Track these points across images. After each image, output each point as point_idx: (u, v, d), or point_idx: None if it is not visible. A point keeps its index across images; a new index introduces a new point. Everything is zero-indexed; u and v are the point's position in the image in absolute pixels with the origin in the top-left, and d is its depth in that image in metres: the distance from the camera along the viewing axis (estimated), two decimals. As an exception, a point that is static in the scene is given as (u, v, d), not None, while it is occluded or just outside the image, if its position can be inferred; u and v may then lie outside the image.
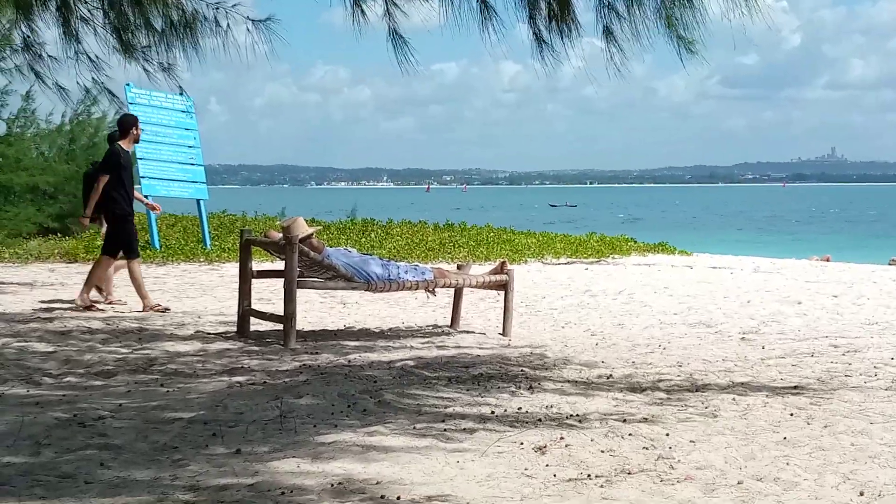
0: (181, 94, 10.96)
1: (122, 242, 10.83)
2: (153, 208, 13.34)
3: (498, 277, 9.60)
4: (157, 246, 17.48)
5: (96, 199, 10.76)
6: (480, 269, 12.17)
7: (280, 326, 8.84)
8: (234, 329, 9.34)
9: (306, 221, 9.08)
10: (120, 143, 10.89)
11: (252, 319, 9.32)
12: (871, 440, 5.39)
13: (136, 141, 11.23)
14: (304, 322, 9.86)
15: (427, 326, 10.07)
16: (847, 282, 14.55)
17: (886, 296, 12.76)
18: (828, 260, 20.83)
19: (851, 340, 9.10)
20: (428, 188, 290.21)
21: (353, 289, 9.06)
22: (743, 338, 9.38)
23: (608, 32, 6.61)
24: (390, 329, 9.86)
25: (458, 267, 10.29)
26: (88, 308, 10.60)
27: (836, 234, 57.63)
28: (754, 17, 6.17)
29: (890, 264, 19.44)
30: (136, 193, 11.68)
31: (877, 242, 45.08)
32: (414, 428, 5.55)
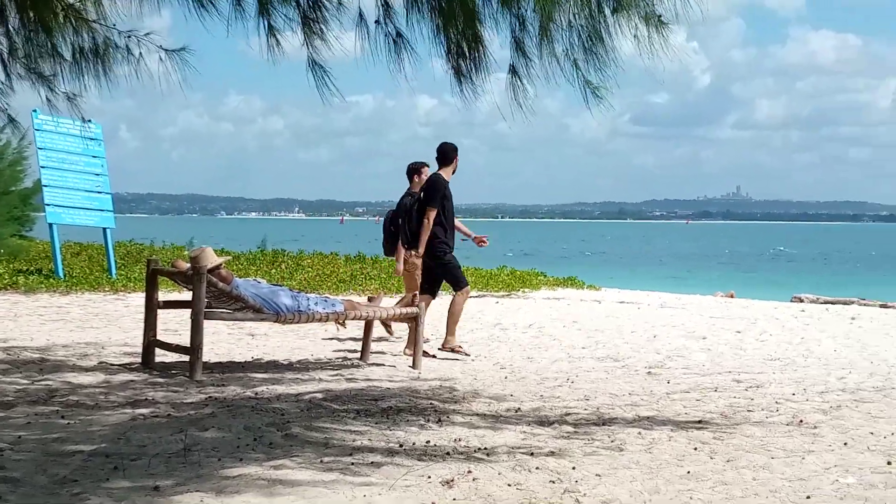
0: (86, 121, 10.63)
1: (449, 277, 10.48)
2: (481, 242, 11.79)
3: (408, 310, 9.60)
4: (61, 275, 17.11)
5: (427, 234, 10.29)
6: (392, 302, 12.15)
7: (186, 358, 8.70)
8: (139, 360, 9.17)
9: (215, 251, 8.99)
10: (441, 172, 10.56)
11: (158, 351, 9.16)
12: (772, 475, 5.50)
13: (455, 171, 10.73)
14: (210, 354, 9.73)
15: (337, 359, 10.01)
16: (750, 318, 14.85)
17: (788, 332, 13.04)
18: (732, 296, 21.22)
19: (754, 376, 9.28)
20: (342, 220, 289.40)
21: (262, 320, 8.98)
22: (649, 372, 9.50)
23: (514, 72, 6.67)
24: (299, 361, 9.78)
25: (370, 299, 10.26)
26: (455, 350, 10.39)
27: (742, 270, 58.85)
28: (664, 57, 6.27)
29: (792, 301, 19.90)
30: (461, 225, 11.12)
31: (779, 279, 46.15)
32: (321, 462, 5.50)
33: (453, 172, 10.59)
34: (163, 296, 10.04)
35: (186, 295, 9.27)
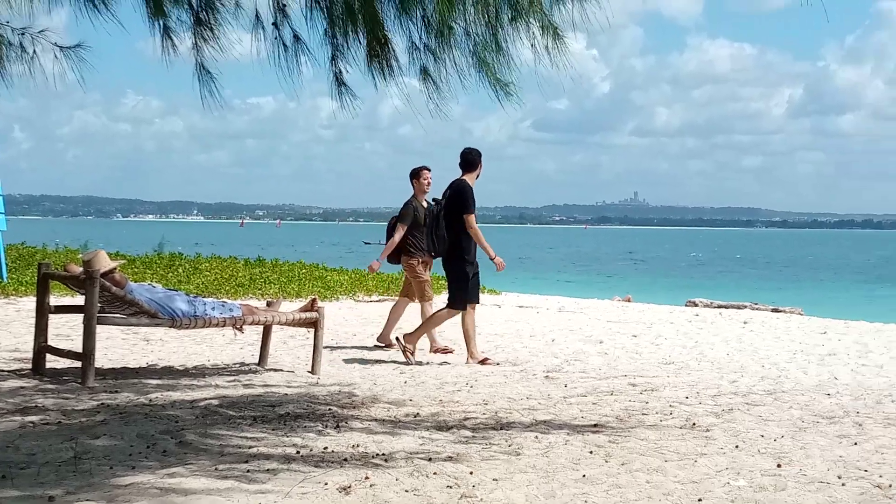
0: None
1: (454, 287, 10.33)
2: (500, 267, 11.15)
3: (308, 315, 9.53)
4: (-51, 278, 16.59)
5: (483, 242, 10.22)
6: (291, 306, 12.06)
7: (78, 364, 8.50)
8: (30, 366, 8.93)
9: (110, 255, 8.81)
10: (465, 177, 10.35)
11: (49, 357, 8.93)
12: (665, 478, 5.59)
13: (478, 176, 10.56)
14: (104, 359, 9.53)
15: (234, 364, 9.89)
16: (646, 322, 15.11)
17: (683, 336, 13.30)
18: (629, 300, 21.55)
19: (649, 379, 9.43)
20: (242, 223, 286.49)
21: (158, 325, 8.82)
22: (547, 376, 9.59)
23: (425, 72, 6.68)
24: (195, 367, 9.63)
25: (268, 304, 10.17)
26: (483, 362, 10.33)
27: (640, 274, 59.87)
28: (564, 64, 6.33)
29: (686, 305, 20.28)
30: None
31: (675, 283, 47.05)
32: (216, 469, 5.42)
33: (477, 177, 10.55)
34: (55, 300, 9.80)
35: (80, 300, 9.05)
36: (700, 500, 5.16)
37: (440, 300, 11.97)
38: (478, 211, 10.43)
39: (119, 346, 10.95)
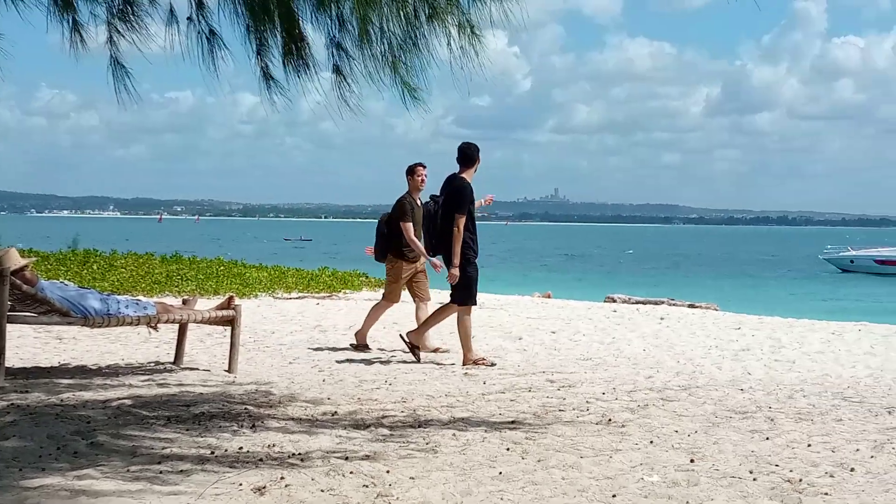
0: None
1: (460, 288, 10.05)
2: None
3: (224, 313, 9.42)
4: None
5: (460, 244, 9.95)
6: (208, 304, 11.91)
7: (-13, 364, 8.29)
8: (-64, 366, 8.69)
9: (21, 253, 8.62)
10: (463, 174, 10.04)
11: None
12: (580, 474, 5.63)
13: (476, 171, 10.26)
14: (15, 359, 9.32)
15: (149, 363, 9.74)
16: (565, 318, 15.22)
17: (601, 332, 13.42)
18: (549, 296, 21.69)
19: (567, 376, 9.50)
20: (160, 218, 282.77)
21: (70, 324, 8.64)
22: (465, 373, 9.61)
23: (338, 72, 6.64)
24: (109, 366, 9.47)
25: (184, 301, 10.03)
26: (478, 362, 10.11)
27: (560, 271, 60.38)
28: (483, 62, 6.33)
29: (605, 301, 20.47)
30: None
31: (594, 279, 47.55)
32: (128, 471, 5.34)
33: (475, 173, 10.36)
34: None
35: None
36: (614, 495, 5.21)
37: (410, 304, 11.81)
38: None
39: (31, 344, 10.72)
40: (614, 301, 20.14)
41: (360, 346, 11.22)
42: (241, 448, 5.98)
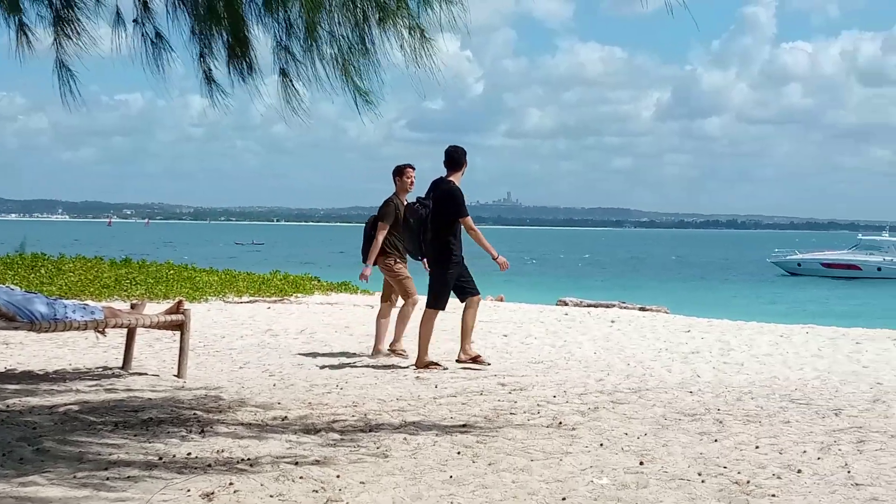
0: None
1: (437, 288, 10.19)
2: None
3: (173, 317, 9.34)
4: None
5: (485, 243, 10.22)
6: (158, 308, 11.80)
7: (-70, 370, 8.17)
8: None
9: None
10: (451, 178, 9.98)
11: None
12: (531, 477, 5.64)
13: (463, 174, 10.25)
14: (-41, 364, 9.18)
15: (96, 368, 9.63)
16: (517, 321, 15.26)
17: (552, 335, 13.46)
18: (501, 300, 21.71)
19: (518, 379, 9.52)
20: (110, 222, 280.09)
21: (16, 328, 8.52)
22: (417, 377, 9.60)
23: (284, 75, 6.60)
24: (56, 371, 9.35)
25: (133, 306, 9.93)
26: (475, 360, 10.27)
27: (515, 274, 60.51)
28: (432, 65, 6.32)
29: (557, 304, 20.55)
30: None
31: (547, 282, 47.74)
32: (74, 477, 5.27)
33: (462, 176, 10.34)
34: None
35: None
36: (564, 498, 5.22)
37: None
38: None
39: (-25, 350, 10.56)
40: (566, 304, 20.22)
41: (398, 352, 11.11)
42: (189, 454, 5.93)
